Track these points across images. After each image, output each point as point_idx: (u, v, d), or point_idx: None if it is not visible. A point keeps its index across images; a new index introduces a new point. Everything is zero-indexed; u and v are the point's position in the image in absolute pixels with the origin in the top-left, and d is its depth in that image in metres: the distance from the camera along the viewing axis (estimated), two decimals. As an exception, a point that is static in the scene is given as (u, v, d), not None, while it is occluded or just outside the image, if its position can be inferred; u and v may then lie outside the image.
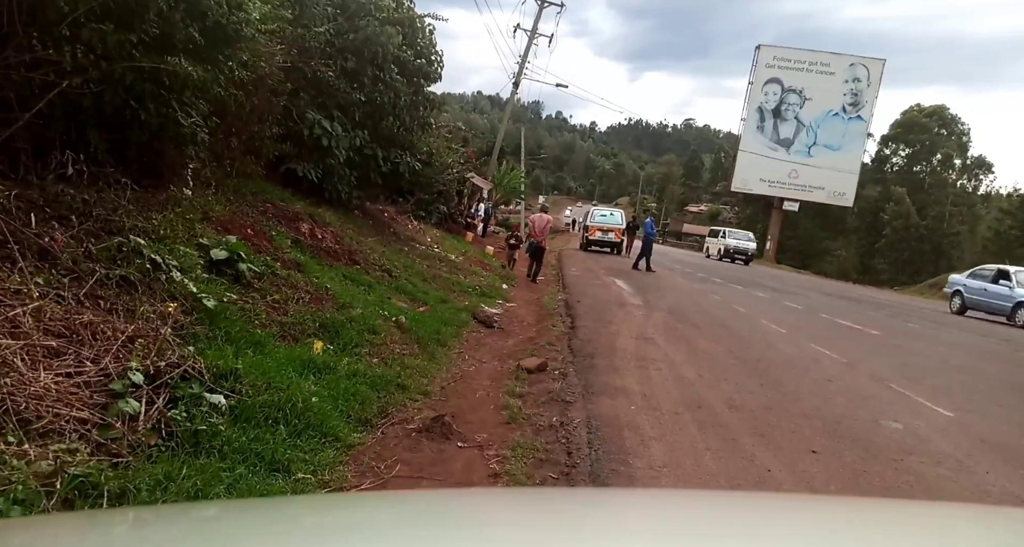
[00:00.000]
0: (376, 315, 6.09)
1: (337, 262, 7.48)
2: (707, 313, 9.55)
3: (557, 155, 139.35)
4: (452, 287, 9.77)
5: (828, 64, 39.39)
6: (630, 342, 6.57)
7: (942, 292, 26.51)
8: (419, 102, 12.03)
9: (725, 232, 32.34)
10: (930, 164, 44.67)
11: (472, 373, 5.28)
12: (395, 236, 12.22)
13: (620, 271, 16.75)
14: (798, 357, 6.47)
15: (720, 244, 31.09)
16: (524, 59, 25.94)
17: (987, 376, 6.34)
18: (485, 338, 6.91)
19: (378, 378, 4.40)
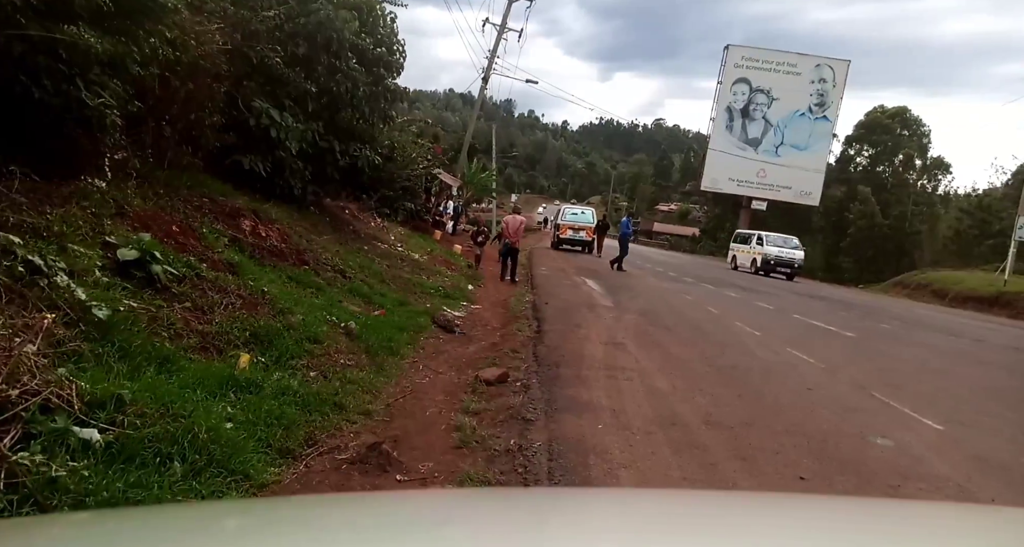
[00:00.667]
0: (321, 321, 5.52)
1: (282, 262, 6.86)
2: (679, 315, 9.20)
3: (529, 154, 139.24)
4: (413, 288, 9.22)
5: (795, 65, 39.88)
6: (599, 348, 6.13)
7: (907, 290, 27.01)
8: (380, 93, 11.40)
9: (762, 237, 24.19)
10: (892, 164, 45.67)
11: (425, 386, 4.76)
12: (354, 234, 11.58)
13: (591, 270, 16.39)
14: (775, 363, 6.13)
15: (755, 253, 23.94)
16: (493, 54, 25.44)
17: (968, 381, 6.10)
18: (444, 345, 6.39)
19: (312, 396, 3.85)
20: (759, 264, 23.25)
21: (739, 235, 27.54)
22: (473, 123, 27.50)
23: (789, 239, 24.48)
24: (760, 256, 23.37)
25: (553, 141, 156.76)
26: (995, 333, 11.50)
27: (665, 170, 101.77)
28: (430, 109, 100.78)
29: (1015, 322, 17.82)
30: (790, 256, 23.18)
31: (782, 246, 23.64)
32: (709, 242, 52.53)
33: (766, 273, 22.66)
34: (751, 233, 26.12)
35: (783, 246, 23.66)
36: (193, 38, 6.14)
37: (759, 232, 25.73)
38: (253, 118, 8.52)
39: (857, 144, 47.08)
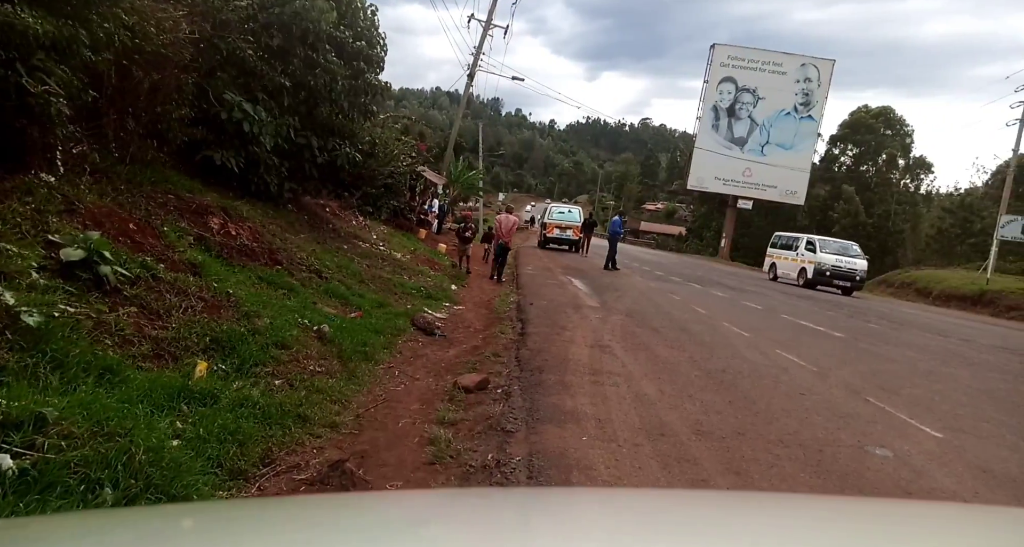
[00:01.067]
0: (292, 324, 5.22)
1: (253, 262, 6.54)
2: (667, 315, 9.00)
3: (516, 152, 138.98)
4: (393, 289, 8.92)
5: (780, 64, 40.02)
6: (584, 351, 5.89)
7: (892, 289, 27.16)
8: (360, 88, 11.07)
9: (813, 242, 19.79)
10: (876, 164, 46.07)
11: (399, 394, 4.48)
12: (334, 233, 11.24)
13: (578, 270, 16.18)
14: (765, 366, 5.93)
15: (804, 261, 19.46)
16: (479, 50, 25.13)
17: (961, 383, 5.95)
18: (423, 348, 6.12)
19: (274, 408, 3.56)
20: (809, 275, 18.90)
21: (780, 239, 22.56)
22: (459, 120, 27.16)
23: (848, 245, 20.26)
24: (812, 265, 18.91)
25: (540, 140, 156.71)
26: (981, 332, 11.46)
27: (651, 169, 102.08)
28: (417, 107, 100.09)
29: (998, 320, 17.92)
30: (850, 266, 18.74)
31: (841, 254, 19.12)
32: (695, 241, 52.67)
33: (817, 286, 18.68)
34: (797, 237, 21.39)
35: (842, 254, 19.15)
36: (154, 25, 5.78)
37: (808, 236, 21.14)
38: (225, 112, 8.17)
39: (841, 143, 47.46)
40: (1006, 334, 11.59)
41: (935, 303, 23.24)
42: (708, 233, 50.43)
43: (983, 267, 25.68)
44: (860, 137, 45.60)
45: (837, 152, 47.78)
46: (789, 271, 20.43)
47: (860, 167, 46.77)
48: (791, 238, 21.71)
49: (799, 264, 19.81)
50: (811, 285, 18.83)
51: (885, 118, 45.07)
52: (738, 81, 40.47)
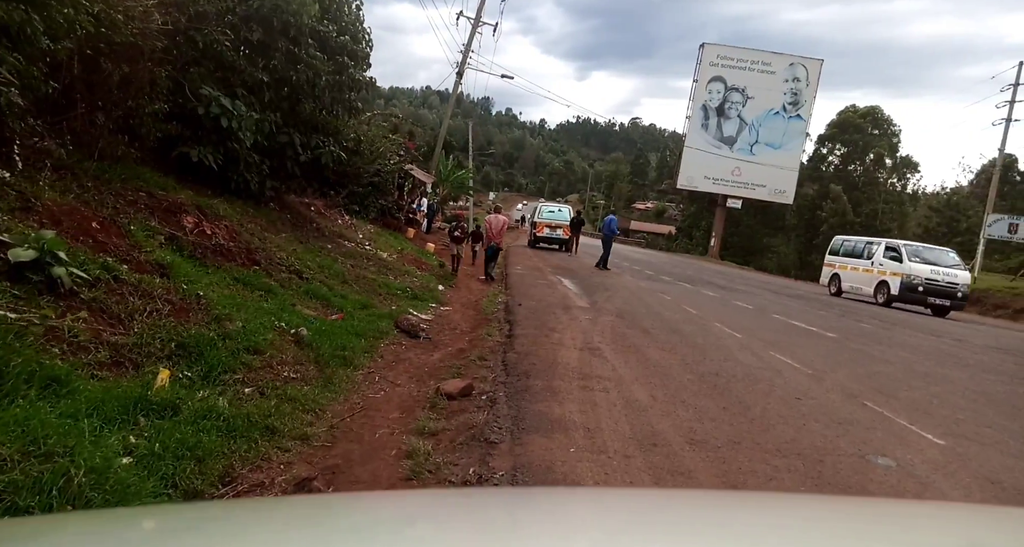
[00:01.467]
0: (267, 328, 4.97)
1: (229, 263, 6.28)
2: (658, 316, 8.83)
3: (507, 152, 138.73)
4: (377, 290, 8.68)
5: (769, 63, 40.10)
6: (573, 354, 5.69)
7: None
8: (344, 83, 10.80)
9: (897, 248, 15.65)
10: (863, 163, 46.33)
11: (378, 402, 4.25)
12: (317, 232, 10.97)
13: (567, 269, 16.00)
14: (759, 368, 5.76)
15: (885, 273, 15.47)
16: (468, 48, 24.86)
17: (959, 386, 5.81)
18: (407, 351, 5.89)
19: (240, 419, 3.33)
20: (894, 290, 14.90)
21: (845, 244, 18.06)
22: (447, 118, 26.88)
23: (943, 251, 16.14)
24: (897, 278, 14.84)
25: (531, 139, 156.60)
26: (973, 332, 11.41)
27: (641, 169, 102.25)
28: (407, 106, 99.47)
29: (986, 319, 17.97)
30: (950, 280, 14.62)
31: (936, 262, 14.98)
32: (685, 240, 52.74)
33: (905, 304, 14.96)
34: (871, 241, 17.26)
35: (937, 263, 15.00)
36: (121, 13, 5.50)
37: (889, 240, 17.34)
38: (202, 107, 7.88)
39: (829, 143, 47.67)
40: (998, 334, 11.54)
41: (923, 302, 23.33)
42: (698, 232, 50.51)
43: (970, 266, 25.85)
44: (848, 137, 45.84)
45: (825, 152, 48.00)
46: (861, 285, 16.31)
47: (848, 166, 47.01)
48: (862, 243, 17.43)
49: (876, 276, 15.65)
50: (897, 302, 15.03)
51: (873, 118, 45.33)
52: (727, 81, 40.52)
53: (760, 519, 0.94)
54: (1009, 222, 23.01)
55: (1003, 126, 26.56)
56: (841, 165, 47.37)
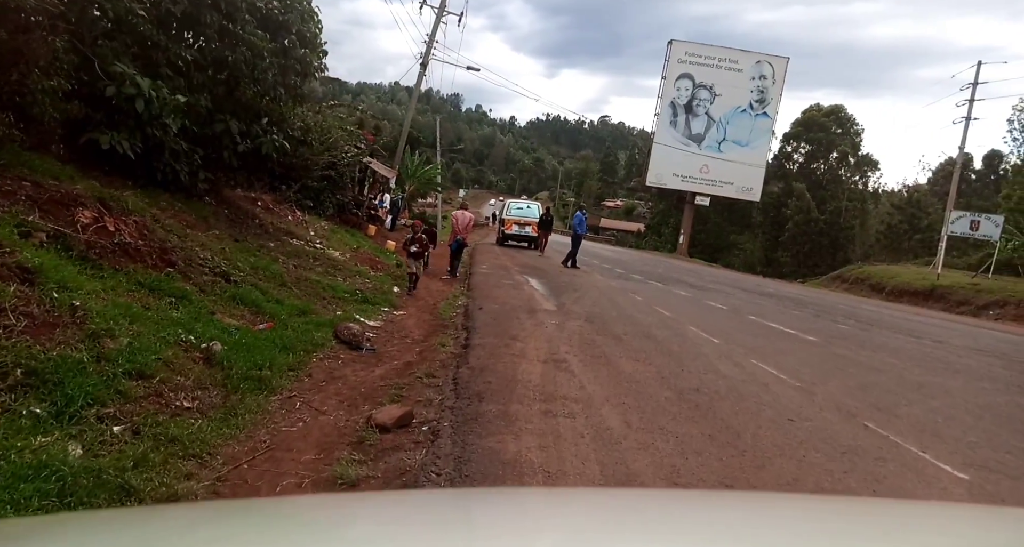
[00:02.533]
0: (166, 344, 4.12)
1: (135, 264, 5.36)
2: (630, 319, 8.20)
3: (477, 149, 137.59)
4: (321, 293, 7.82)
5: (736, 61, 40.19)
6: (536, 368, 4.98)
7: (847, 285, 27.41)
8: (289, 67, 9.86)
9: None
10: (827, 161, 46.97)
11: (292, 438, 3.46)
12: (260, 229, 10.01)
13: (535, 268, 15.32)
14: (743, 381, 5.15)
15: None
16: (432, 38, 23.91)
17: (957, 398, 5.31)
18: (343, 367, 5.08)
19: (86, 475, 2.50)
20: None
21: None
22: (411, 111, 25.89)
23: None
24: None
25: (501, 136, 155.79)
26: (948, 331, 11.15)
27: (611, 166, 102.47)
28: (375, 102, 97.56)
29: (953, 316, 18.03)
30: None
31: None
32: (654, 238, 52.77)
33: None
34: None
35: None
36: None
37: None
38: (113, 86, 6.89)
39: (794, 141, 48.19)
40: (974, 333, 11.31)
41: (888, 299, 23.45)
42: (666, 230, 50.56)
43: (933, 263, 26.17)
44: (812, 135, 46.39)
45: (790, 150, 48.53)
46: None
47: (812, 165, 47.61)
48: None
49: None
50: None
51: (836, 117, 45.98)
52: (695, 78, 40.46)
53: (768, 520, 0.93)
54: (971, 219, 23.30)
55: (963, 124, 26.98)
56: (805, 163, 47.95)
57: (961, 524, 0.99)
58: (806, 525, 0.90)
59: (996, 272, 23.26)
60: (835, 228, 43.40)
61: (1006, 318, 18.91)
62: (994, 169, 42.02)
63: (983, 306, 20.41)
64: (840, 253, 42.68)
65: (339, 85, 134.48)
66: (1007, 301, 19.95)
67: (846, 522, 0.94)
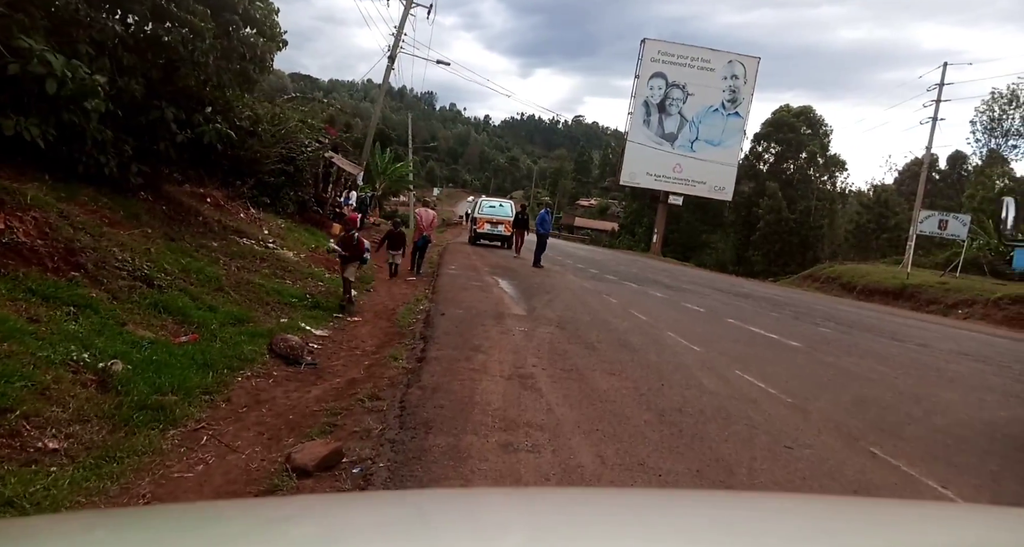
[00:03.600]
0: (48, 365, 3.38)
1: (29, 268, 4.57)
2: (604, 324, 7.64)
3: (451, 147, 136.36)
4: (265, 298, 7.06)
5: (708, 60, 40.23)
6: (498, 387, 4.35)
7: (818, 284, 27.50)
8: (234, 50, 9.04)
9: None
10: (797, 161, 47.45)
11: (183, 488, 2.76)
12: (204, 227, 9.16)
13: (506, 269, 14.70)
14: (730, 398, 4.61)
15: None
16: (400, 30, 23.07)
17: (960, 414, 4.86)
18: (274, 387, 4.38)
19: None
20: None
21: None
22: (379, 105, 25.04)
23: None
24: None
25: (476, 135, 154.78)
26: (928, 333, 10.89)
27: (585, 166, 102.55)
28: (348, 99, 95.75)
29: (925, 315, 18.04)
30: None
31: None
32: (627, 237, 52.70)
33: None
34: None
35: None
36: None
37: None
38: (18, 64, 6.02)
39: (765, 141, 48.57)
40: (953, 335, 11.08)
41: (860, 297, 23.51)
42: (640, 229, 50.53)
43: (902, 262, 26.39)
44: (783, 135, 46.80)
45: (761, 150, 48.90)
46: None
47: (782, 164, 48.04)
48: None
49: None
50: None
51: (805, 117, 46.47)
52: (668, 77, 40.37)
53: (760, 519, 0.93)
54: (939, 219, 23.47)
55: (930, 125, 27.27)
56: (776, 163, 48.37)
57: (961, 524, 0.98)
58: (806, 525, 0.90)
59: (963, 271, 23.50)
60: (805, 227, 43.83)
61: (974, 317, 19.01)
62: (958, 169, 42.95)
63: (952, 305, 20.53)
64: (810, 252, 43.12)
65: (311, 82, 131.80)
66: (975, 300, 20.09)
67: (846, 522, 0.94)
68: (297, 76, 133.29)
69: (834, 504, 1.33)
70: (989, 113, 33.57)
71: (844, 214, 46.68)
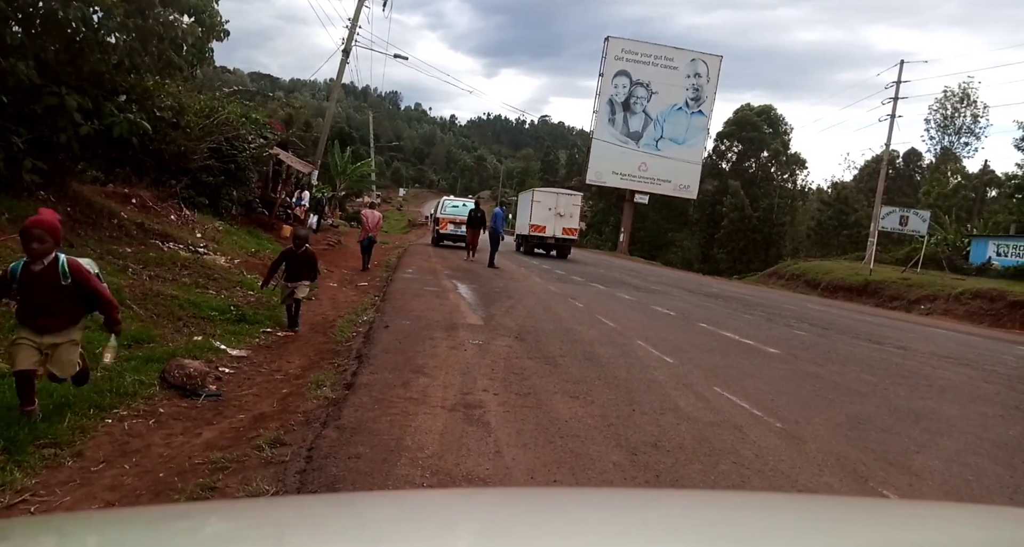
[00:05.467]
0: None
1: None
2: (568, 334, 6.94)
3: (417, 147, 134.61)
4: (179, 312, 6.11)
5: (672, 59, 40.18)
6: (436, 422, 3.58)
7: (783, 281, 27.55)
8: (150, 30, 8.01)
9: None
10: (759, 160, 47.98)
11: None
12: (118, 232, 8.11)
13: (467, 272, 13.92)
14: (711, 425, 3.94)
15: None
16: (354, 22, 22.01)
17: (970, 434, 4.31)
18: (154, 430, 3.51)
19: None
20: None
21: None
22: (334, 100, 23.90)
23: None
24: None
25: (442, 135, 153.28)
26: (902, 333, 10.57)
27: (551, 165, 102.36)
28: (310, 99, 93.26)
29: (890, 311, 18.00)
30: None
31: None
32: (595, 236, 52.47)
33: None
34: None
35: None
36: None
37: None
38: None
39: (728, 140, 48.99)
40: (928, 335, 10.78)
41: (824, 294, 23.52)
42: (607, 228, 50.35)
43: (865, 258, 26.63)
44: (745, 134, 47.26)
45: (724, 148, 49.30)
46: None
47: (744, 163, 48.53)
48: None
49: None
50: None
51: (767, 116, 47.00)
52: (632, 75, 40.18)
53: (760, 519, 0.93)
54: (900, 215, 23.66)
55: (888, 122, 27.61)
56: (738, 161, 48.82)
57: (961, 524, 0.98)
58: (806, 525, 0.90)
59: (922, 266, 23.76)
60: (768, 224, 44.30)
61: (936, 312, 19.11)
62: (912, 167, 44.02)
63: (915, 301, 20.65)
64: (773, 249, 43.59)
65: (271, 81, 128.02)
66: (936, 296, 20.23)
67: (846, 522, 0.93)
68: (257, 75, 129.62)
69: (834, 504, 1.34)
70: (942, 111, 34.36)
71: (805, 211, 47.40)
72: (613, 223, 47.47)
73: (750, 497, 1.75)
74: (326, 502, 1.24)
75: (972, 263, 24.44)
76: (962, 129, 34.08)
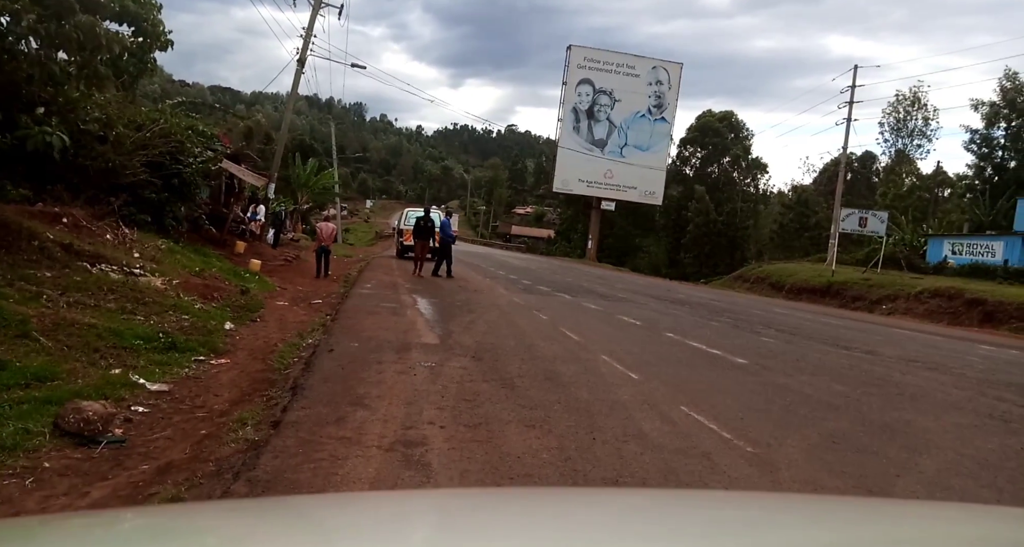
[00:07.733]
0: None
1: None
2: (529, 350, 6.56)
3: (384, 158, 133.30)
4: (97, 343, 5.52)
5: (633, 67, 40.62)
6: (369, 469, 3.15)
7: (748, 284, 27.80)
8: (68, 35, 7.40)
9: None
10: (721, 165, 48.75)
11: None
12: (38, 254, 7.42)
13: (431, 285, 13.48)
14: (677, 452, 3.60)
15: None
16: (309, 32, 21.38)
17: (950, 450, 4.06)
18: (30, 492, 3.00)
19: None
20: None
21: None
22: (290, 110, 23.24)
23: None
24: None
25: (408, 145, 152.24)
26: (868, 335, 10.52)
27: (519, 174, 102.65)
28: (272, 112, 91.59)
29: (852, 312, 18.19)
30: None
31: None
32: (563, 243, 52.47)
33: None
34: None
35: None
36: None
37: None
38: None
39: (691, 146, 49.68)
40: (893, 337, 10.76)
41: (788, 296, 23.76)
42: (575, 235, 50.40)
43: (827, 260, 27.06)
44: (708, 140, 47.99)
45: (687, 154, 49.98)
46: None
47: (707, 168, 49.25)
48: None
49: None
50: None
51: (728, 122, 47.83)
52: (595, 83, 40.45)
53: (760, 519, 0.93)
54: (859, 216, 24.12)
55: (844, 126, 28.24)
56: (701, 167, 49.52)
57: (961, 524, 0.97)
58: (806, 525, 0.90)
59: (882, 267, 24.22)
60: (732, 228, 44.94)
61: (898, 312, 19.42)
62: (868, 169, 45.29)
63: (876, 301, 20.97)
64: (737, 252, 44.19)
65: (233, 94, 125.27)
66: (897, 295, 20.59)
67: (846, 522, 0.93)
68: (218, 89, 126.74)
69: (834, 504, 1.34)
70: (895, 114, 35.44)
71: (767, 215, 48.28)
72: (581, 230, 47.54)
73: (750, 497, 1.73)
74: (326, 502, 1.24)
75: (929, 262, 25.03)
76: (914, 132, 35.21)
